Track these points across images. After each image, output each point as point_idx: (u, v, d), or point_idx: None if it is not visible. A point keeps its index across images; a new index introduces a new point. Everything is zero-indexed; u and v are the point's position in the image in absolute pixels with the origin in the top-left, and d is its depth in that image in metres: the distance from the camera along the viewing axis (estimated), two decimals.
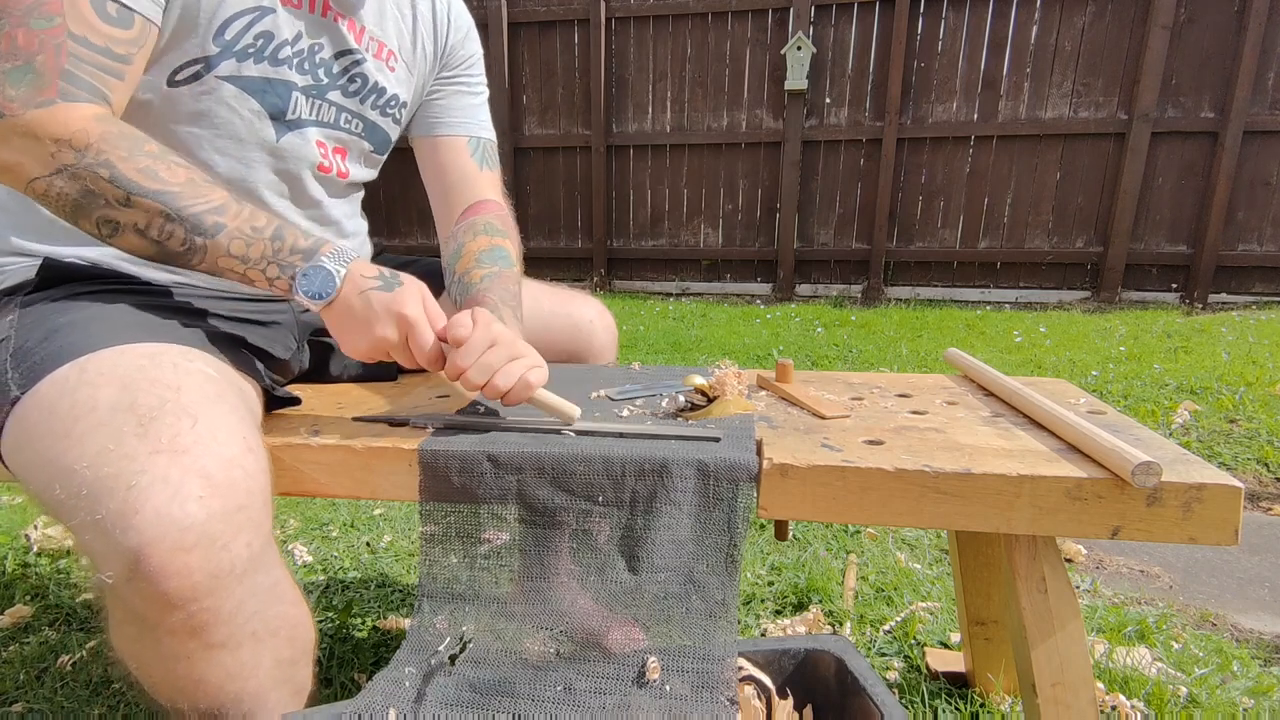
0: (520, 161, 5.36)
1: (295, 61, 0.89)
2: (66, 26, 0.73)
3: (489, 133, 1.12)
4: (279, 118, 0.89)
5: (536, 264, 5.50)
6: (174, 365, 0.71)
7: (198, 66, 0.82)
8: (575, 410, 0.80)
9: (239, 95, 0.85)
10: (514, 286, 0.97)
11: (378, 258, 1.17)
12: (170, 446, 0.62)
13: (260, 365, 0.88)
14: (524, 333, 1.10)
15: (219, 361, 0.78)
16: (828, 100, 4.84)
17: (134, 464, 0.61)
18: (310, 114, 0.93)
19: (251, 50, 0.85)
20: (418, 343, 0.76)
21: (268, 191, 0.92)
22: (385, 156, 1.07)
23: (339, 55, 0.93)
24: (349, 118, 0.97)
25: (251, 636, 0.65)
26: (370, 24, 0.96)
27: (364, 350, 0.78)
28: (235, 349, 0.84)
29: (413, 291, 0.77)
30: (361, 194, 1.10)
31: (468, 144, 1.09)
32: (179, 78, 0.82)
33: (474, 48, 1.11)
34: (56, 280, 0.83)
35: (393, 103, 1.01)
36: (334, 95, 0.94)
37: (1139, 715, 1.05)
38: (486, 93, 1.14)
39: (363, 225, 1.12)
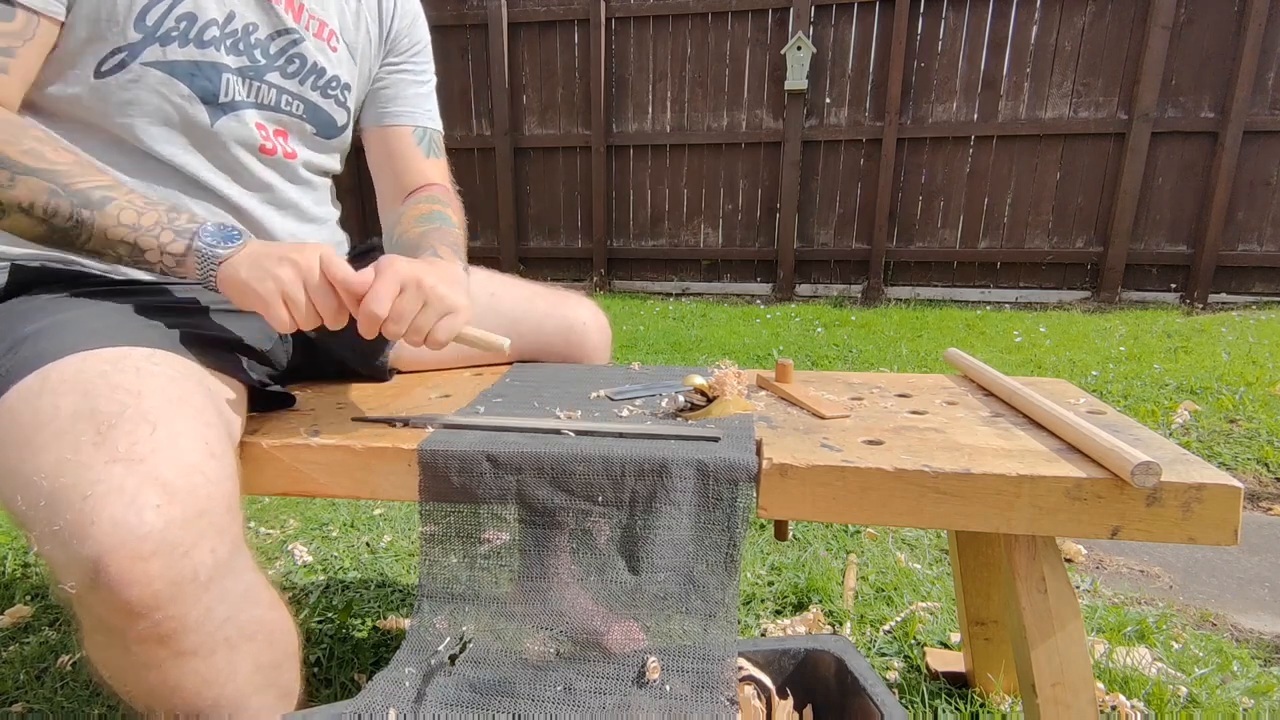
0: (520, 161, 5.36)
1: (228, 42, 0.87)
2: None
3: (435, 123, 1.12)
4: (211, 101, 0.88)
5: (536, 264, 5.50)
6: (137, 370, 0.69)
7: (122, 55, 0.81)
8: (503, 341, 0.80)
9: (166, 80, 0.84)
10: (451, 237, 0.95)
11: (369, 254, 1.15)
12: (127, 455, 0.62)
13: (245, 360, 0.87)
14: (515, 329, 1.10)
15: (189, 362, 0.76)
16: (828, 100, 4.84)
17: (90, 473, 0.60)
18: (248, 96, 0.91)
19: (175, 34, 0.83)
20: (334, 274, 0.73)
21: (211, 176, 0.90)
22: (336, 142, 1.04)
23: (275, 35, 0.91)
24: (289, 99, 0.95)
25: (225, 643, 0.65)
26: (309, 2, 0.94)
27: (288, 280, 0.73)
28: (214, 346, 0.83)
29: (314, 245, 0.76)
30: (327, 182, 1.08)
31: (413, 133, 1.08)
32: (105, 68, 0.82)
33: (421, 34, 1.09)
34: (27, 285, 0.82)
35: (333, 84, 0.98)
36: (272, 76, 0.92)
37: (1139, 715, 1.05)
38: (434, 81, 1.12)
39: (332, 213, 1.09)
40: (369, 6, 1.01)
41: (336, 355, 1.02)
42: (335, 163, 1.07)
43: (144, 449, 0.63)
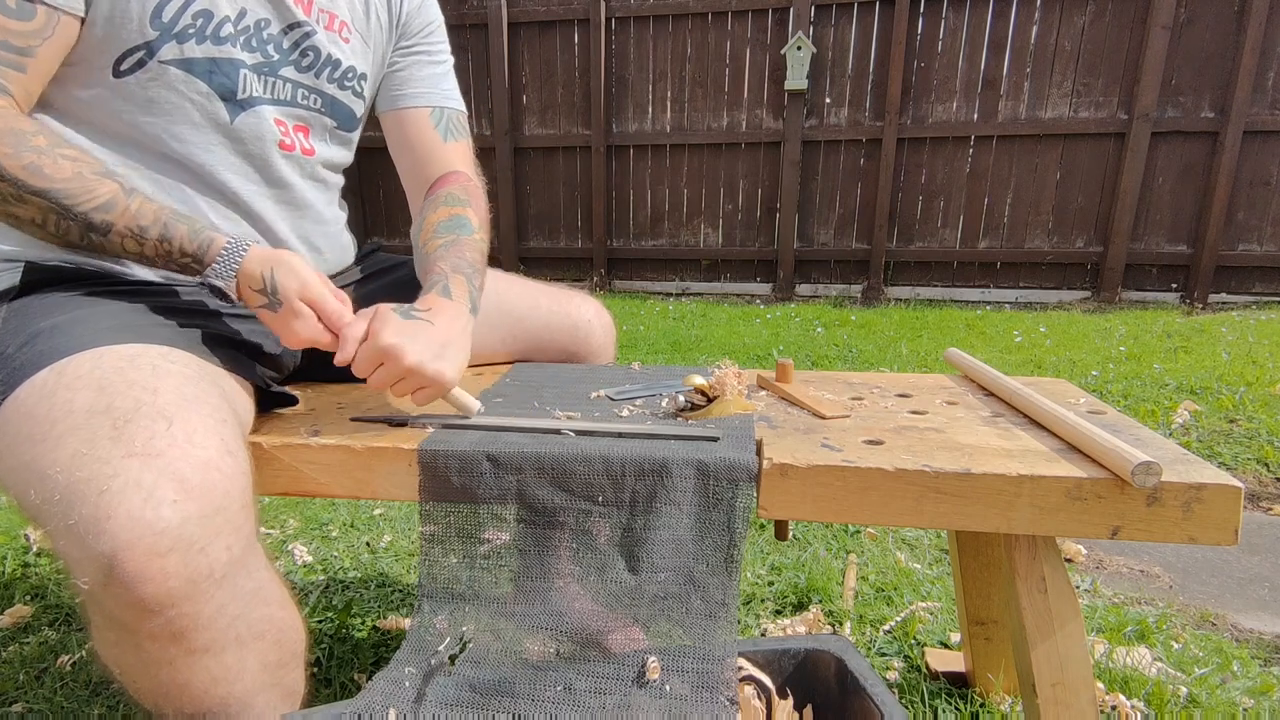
0: (520, 161, 5.36)
1: (241, 39, 0.87)
2: None
3: (455, 102, 1.09)
4: (230, 98, 0.87)
5: (536, 264, 5.50)
6: (153, 367, 0.70)
7: (140, 53, 0.81)
8: (475, 405, 0.83)
9: (186, 79, 0.84)
10: (470, 254, 0.94)
11: (371, 256, 1.16)
12: (144, 450, 0.62)
13: (253, 362, 0.87)
14: (520, 327, 1.10)
15: (203, 361, 0.77)
16: (828, 100, 4.83)
17: (107, 468, 0.60)
18: (264, 92, 0.90)
19: (192, 31, 0.83)
20: (322, 345, 0.79)
21: (232, 175, 0.90)
22: (355, 134, 1.05)
23: (287, 29, 0.91)
24: (306, 93, 0.95)
25: (235, 641, 0.65)
26: None
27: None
28: (224, 347, 0.83)
29: (294, 313, 0.77)
30: (339, 180, 1.08)
31: (430, 115, 1.06)
32: (123, 67, 0.81)
33: (432, 14, 1.08)
34: (41, 283, 0.82)
35: (349, 75, 0.98)
36: (287, 71, 0.92)
37: (1139, 715, 1.05)
38: (451, 60, 1.11)
39: (340, 215, 1.09)
40: None
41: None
42: (349, 156, 1.07)
43: (161, 444, 0.62)
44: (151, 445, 0.62)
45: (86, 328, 0.73)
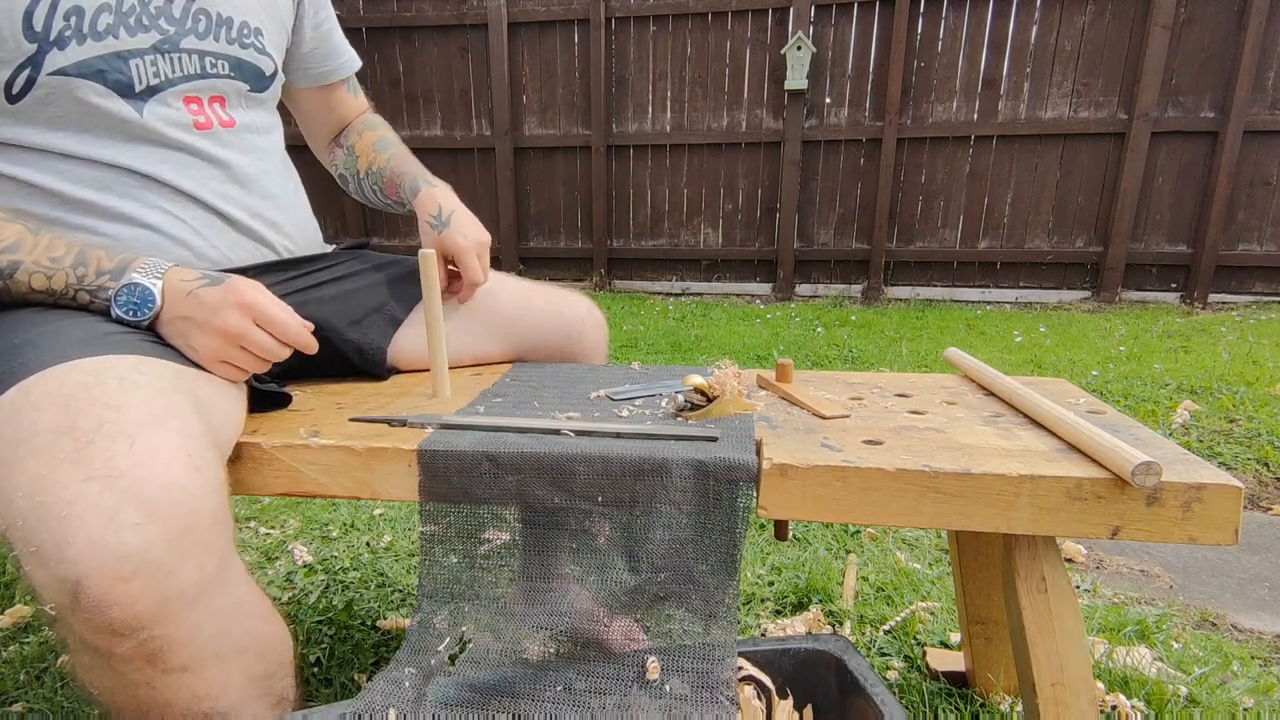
0: (520, 161, 5.36)
1: (129, 22, 0.83)
2: None
3: (356, 61, 1.17)
4: (128, 93, 0.83)
5: (536, 264, 5.50)
6: (120, 380, 0.67)
7: (26, 71, 0.78)
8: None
9: (80, 83, 0.80)
10: (409, 155, 1.12)
11: (361, 252, 1.14)
12: (104, 471, 0.60)
13: None
14: (512, 328, 1.10)
15: (179, 366, 0.75)
16: (828, 100, 4.83)
17: (66, 492, 0.59)
18: (172, 71, 0.86)
19: (69, 33, 0.79)
20: (269, 319, 0.77)
21: (163, 168, 0.86)
22: (268, 94, 1.00)
23: None
24: (213, 60, 0.90)
25: (215, 658, 0.64)
26: None
27: (215, 350, 0.76)
28: None
29: (244, 281, 0.77)
30: (276, 148, 1.02)
31: (345, 86, 1.16)
32: (15, 91, 0.78)
33: None
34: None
35: (245, 31, 0.94)
36: (189, 42, 0.87)
37: (1139, 715, 1.05)
38: (334, 13, 1.14)
39: (295, 189, 1.05)
40: None
41: (336, 351, 1.01)
42: (272, 119, 1.03)
43: (122, 464, 0.61)
44: (112, 466, 0.60)
45: (58, 341, 0.71)
